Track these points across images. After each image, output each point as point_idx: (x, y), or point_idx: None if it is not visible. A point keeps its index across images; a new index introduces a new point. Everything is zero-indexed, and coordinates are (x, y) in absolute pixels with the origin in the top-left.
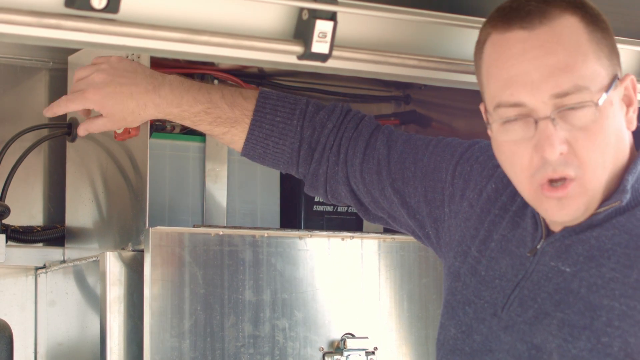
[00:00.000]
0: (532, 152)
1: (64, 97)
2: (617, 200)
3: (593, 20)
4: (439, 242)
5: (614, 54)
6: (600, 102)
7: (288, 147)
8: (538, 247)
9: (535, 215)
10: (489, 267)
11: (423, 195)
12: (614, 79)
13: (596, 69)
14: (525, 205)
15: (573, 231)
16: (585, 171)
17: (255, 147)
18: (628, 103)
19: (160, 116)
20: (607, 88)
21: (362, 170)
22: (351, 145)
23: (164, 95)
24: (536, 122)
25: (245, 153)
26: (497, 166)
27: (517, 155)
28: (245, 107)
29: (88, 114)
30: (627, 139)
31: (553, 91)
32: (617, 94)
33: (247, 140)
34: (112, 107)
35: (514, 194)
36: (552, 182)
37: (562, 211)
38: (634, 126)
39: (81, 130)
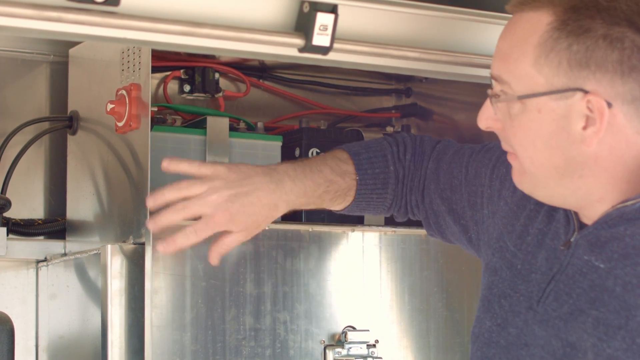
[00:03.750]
0: None
1: (188, 229)
2: None
3: (572, 28)
4: (479, 243)
5: (588, 69)
6: (494, 101)
7: (390, 194)
8: (572, 240)
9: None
10: (526, 260)
11: (467, 200)
12: (564, 91)
13: (528, 72)
14: None
15: (605, 224)
16: (518, 154)
17: (360, 204)
18: (587, 122)
19: (290, 208)
20: (533, 95)
21: (423, 189)
22: (417, 167)
23: (289, 190)
24: None
25: (347, 210)
26: None
27: None
28: (350, 171)
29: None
30: (589, 151)
31: (490, 71)
32: (563, 105)
33: (355, 200)
34: (245, 222)
35: None
36: None
37: (512, 178)
38: (588, 145)
39: (214, 259)
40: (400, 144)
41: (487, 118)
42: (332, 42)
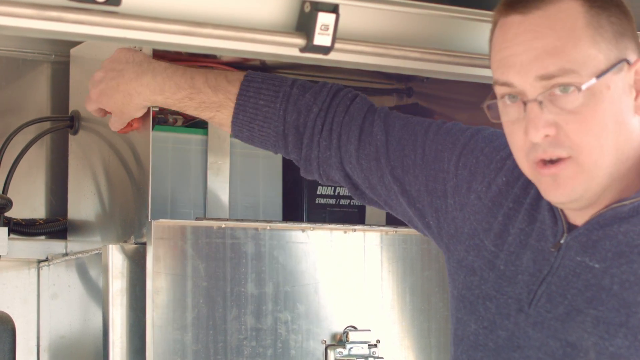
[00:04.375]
0: (523, 133)
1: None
2: None
3: (599, 3)
4: (440, 232)
5: (625, 38)
6: (584, 87)
7: (273, 130)
8: (562, 241)
9: (553, 208)
10: (509, 261)
11: (424, 184)
12: (617, 63)
13: (590, 53)
14: (539, 197)
15: (597, 224)
16: (580, 152)
17: (242, 130)
18: (637, 92)
19: (148, 104)
20: (603, 72)
21: (358, 156)
22: (344, 130)
23: (146, 83)
24: (525, 104)
25: (235, 135)
26: (506, 158)
27: (512, 135)
28: (229, 91)
29: (103, 113)
30: (636, 125)
31: (538, 73)
32: (620, 78)
33: (233, 123)
34: (107, 104)
35: (526, 186)
36: (547, 161)
37: (557, 190)
38: None
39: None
40: (310, 93)
41: (545, 125)
42: (333, 41)
